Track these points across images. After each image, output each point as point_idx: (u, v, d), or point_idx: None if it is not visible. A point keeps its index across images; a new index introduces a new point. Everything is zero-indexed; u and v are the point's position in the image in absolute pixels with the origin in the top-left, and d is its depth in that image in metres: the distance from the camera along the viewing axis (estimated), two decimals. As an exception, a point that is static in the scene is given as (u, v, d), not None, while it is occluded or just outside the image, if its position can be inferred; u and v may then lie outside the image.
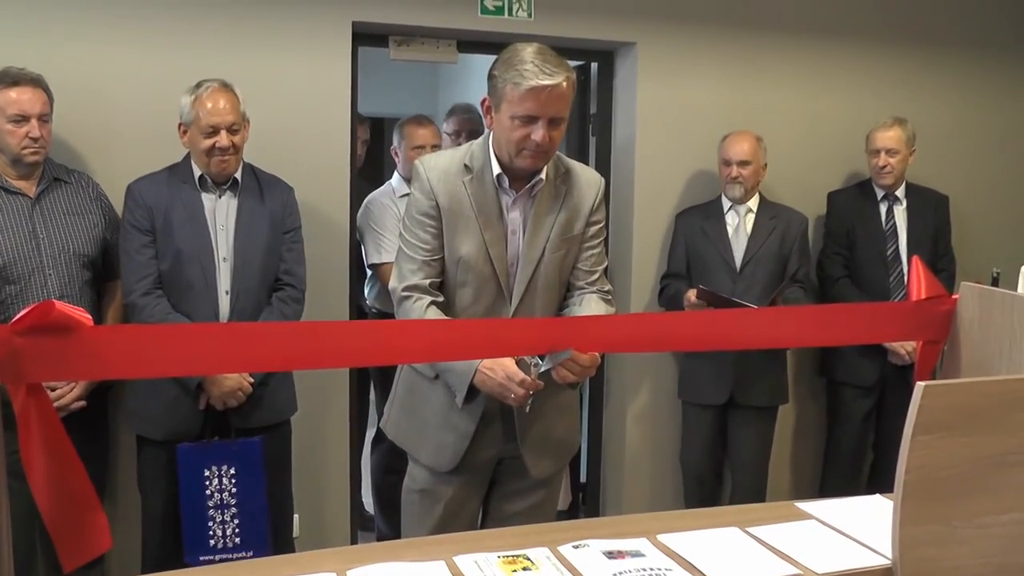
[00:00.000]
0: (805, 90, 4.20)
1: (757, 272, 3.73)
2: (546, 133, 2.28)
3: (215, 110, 2.94)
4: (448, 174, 2.40)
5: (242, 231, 3.02)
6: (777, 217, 3.82)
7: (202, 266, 2.96)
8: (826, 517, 1.93)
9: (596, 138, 4.30)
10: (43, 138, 2.94)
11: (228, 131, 2.95)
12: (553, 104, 2.27)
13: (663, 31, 3.97)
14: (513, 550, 1.76)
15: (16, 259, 2.89)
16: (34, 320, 1.59)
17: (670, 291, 3.87)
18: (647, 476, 4.14)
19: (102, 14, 3.32)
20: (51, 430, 1.64)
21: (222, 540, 2.92)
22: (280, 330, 2.17)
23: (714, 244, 3.79)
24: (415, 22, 3.70)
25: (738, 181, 3.76)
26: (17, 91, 2.89)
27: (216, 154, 2.95)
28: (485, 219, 2.38)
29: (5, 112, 2.88)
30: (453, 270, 2.41)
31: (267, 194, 3.11)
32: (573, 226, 2.48)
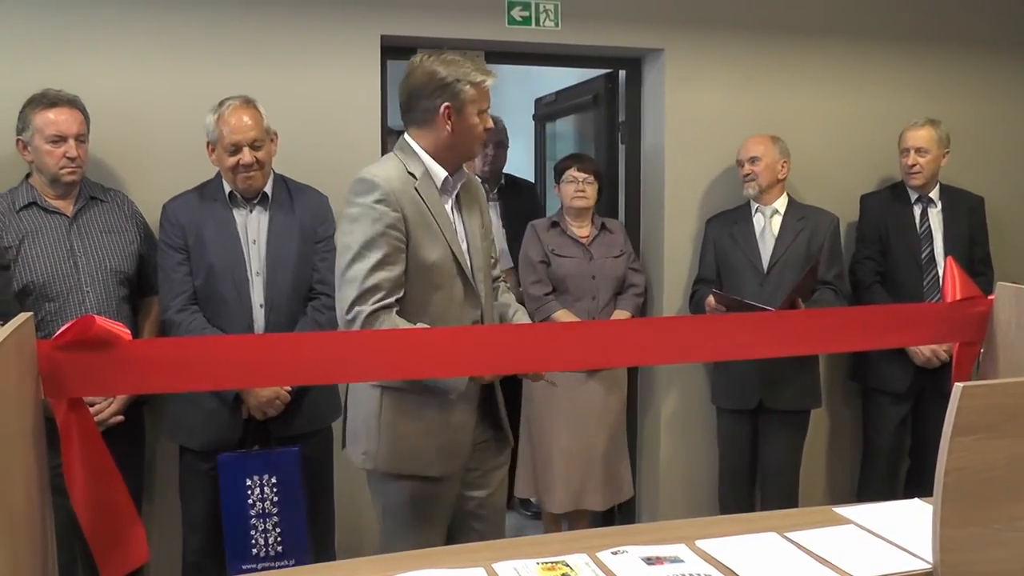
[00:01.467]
0: (836, 93, 4.18)
1: (785, 275, 3.69)
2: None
3: (237, 127, 2.97)
4: (403, 182, 2.43)
5: (273, 244, 3.04)
6: (805, 218, 3.79)
7: (235, 281, 2.99)
8: (865, 521, 1.92)
9: (625, 146, 4.30)
10: (80, 158, 2.99)
11: (251, 147, 2.97)
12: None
13: (690, 37, 3.97)
14: (552, 556, 1.77)
15: (55, 277, 2.93)
16: (75, 335, 1.63)
17: (697, 297, 3.86)
18: (683, 482, 4.12)
19: (135, 35, 3.37)
20: (91, 444, 1.67)
21: (264, 549, 2.93)
22: (314, 341, 2.17)
23: (741, 247, 3.78)
24: (443, 35, 3.71)
25: (750, 178, 3.76)
26: (55, 112, 2.95)
27: (241, 171, 2.98)
28: (443, 222, 2.46)
29: (44, 133, 2.93)
30: (423, 277, 2.43)
31: (298, 205, 3.12)
32: (484, 218, 2.65)
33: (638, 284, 3.91)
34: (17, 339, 1.56)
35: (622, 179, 4.32)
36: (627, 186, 4.29)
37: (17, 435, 1.54)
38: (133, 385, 1.95)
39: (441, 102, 2.41)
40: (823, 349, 3.11)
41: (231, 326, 2.98)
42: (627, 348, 2.26)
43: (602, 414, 3.77)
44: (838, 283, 3.80)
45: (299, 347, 1.94)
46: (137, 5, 3.37)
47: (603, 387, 3.75)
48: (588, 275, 3.78)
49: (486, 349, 2.13)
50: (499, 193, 4.55)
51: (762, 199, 3.80)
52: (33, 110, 2.95)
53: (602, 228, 3.87)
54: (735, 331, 2.32)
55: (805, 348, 2.61)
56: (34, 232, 2.95)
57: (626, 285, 3.88)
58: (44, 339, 1.66)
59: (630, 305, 3.85)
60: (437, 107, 2.41)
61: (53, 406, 1.67)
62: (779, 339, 2.30)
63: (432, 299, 2.45)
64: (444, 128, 2.44)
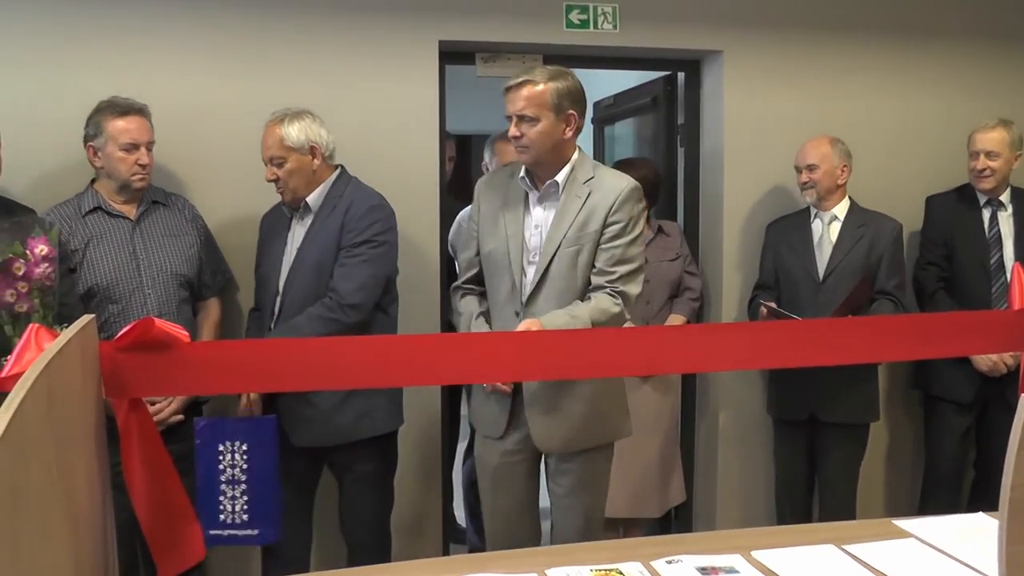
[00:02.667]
0: (900, 93, 4.07)
1: (841, 284, 3.58)
2: (515, 128, 2.70)
3: (263, 145, 3.07)
4: (496, 176, 3.01)
5: (299, 254, 3.07)
6: (866, 225, 3.67)
7: (268, 291, 3.10)
8: (926, 535, 1.87)
9: (684, 148, 4.26)
10: (150, 165, 3.07)
11: (273, 164, 3.03)
12: (516, 102, 2.69)
13: (750, 38, 3.92)
14: (606, 564, 1.76)
15: (118, 280, 2.99)
16: (135, 337, 1.66)
17: (756, 303, 3.78)
18: (739, 490, 4.07)
19: (197, 44, 3.44)
20: (151, 444, 1.71)
21: (231, 516, 2.91)
22: (373, 344, 2.19)
23: (798, 255, 3.69)
24: (501, 39, 3.73)
25: (808, 186, 3.66)
26: (127, 120, 3.01)
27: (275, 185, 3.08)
28: (512, 215, 2.79)
29: (117, 140, 2.99)
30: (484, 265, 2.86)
31: (331, 215, 3.08)
32: (589, 225, 2.72)
33: (694, 288, 3.86)
34: (81, 340, 1.59)
35: (681, 182, 4.28)
36: (686, 189, 4.25)
37: (80, 433, 1.57)
38: (192, 386, 1.99)
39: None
40: (880, 358, 3.03)
41: (260, 336, 3.10)
42: (673, 354, 2.24)
43: (656, 419, 3.73)
44: (898, 294, 3.65)
45: (356, 350, 1.95)
46: (199, 14, 3.44)
47: (657, 392, 3.72)
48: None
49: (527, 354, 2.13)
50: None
51: (822, 205, 3.70)
52: (105, 118, 3.01)
53: (658, 231, 3.83)
54: (788, 338, 2.29)
55: (861, 356, 2.57)
56: (99, 236, 3.02)
57: (681, 289, 3.84)
58: (106, 340, 1.69)
59: (685, 309, 3.80)
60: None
61: (114, 406, 1.70)
62: (834, 347, 2.26)
63: (488, 287, 2.92)
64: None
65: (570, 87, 2.73)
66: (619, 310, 2.68)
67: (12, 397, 1.24)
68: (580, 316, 2.62)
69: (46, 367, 1.35)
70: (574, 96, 2.74)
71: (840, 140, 3.70)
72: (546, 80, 2.71)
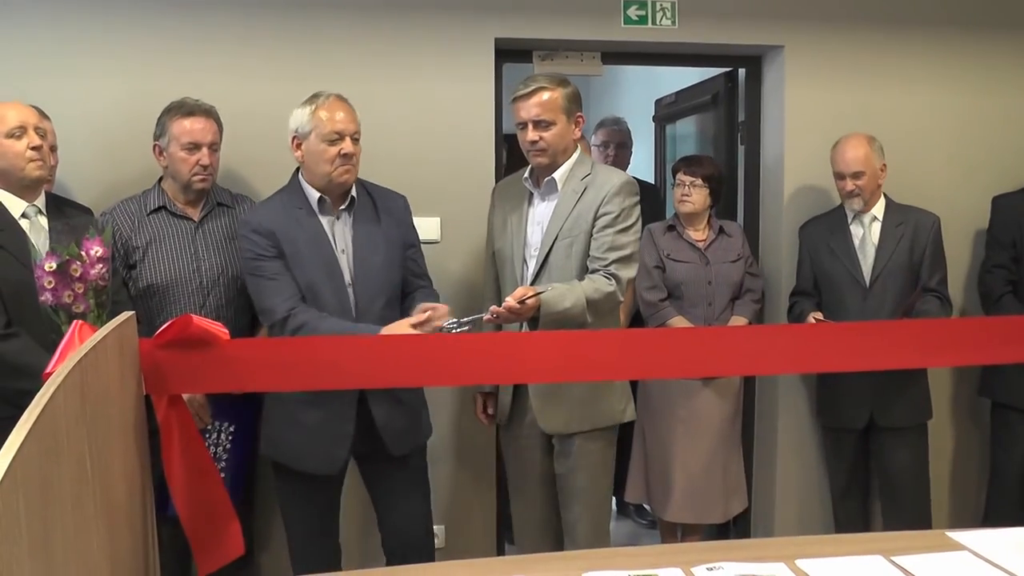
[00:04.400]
0: (965, 89, 3.93)
1: (889, 287, 3.48)
2: (532, 133, 2.92)
3: (339, 117, 2.83)
4: (509, 179, 3.24)
5: (360, 252, 2.88)
6: (905, 223, 3.56)
7: (335, 292, 2.82)
8: (981, 548, 1.78)
9: (744, 146, 4.18)
10: (212, 166, 3.09)
11: (352, 139, 2.83)
12: (531, 109, 2.91)
13: (812, 33, 3.81)
14: (646, 569, 1.72)
15: (177, 280, 3.02)
16: (174, 334, 1.68)
17: (796, 310, 3.68)
18: (798, 497, 3.97)
19: (261, 46, 3.49)
20: (190, 440, 1.72)
21: None
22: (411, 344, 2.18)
23: (840, 260, 3.57)
24: (558, 36, 3.70)
25: (855, 195, 3.54)
26: (191, 121, 3.04)
27: (340, 163, 2.80)
28: (517, 214, 3.05)
29: (179, 140, 3.03)
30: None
31: (382, 210, 2.96)
32: (583, 218, 2.93)
33: (755, 290, 3.78)
34: (119, 336, 1.61)
35: (741, 181, 4.20)
36: (746, 188, 4.17)
37: (118, 429, 1.59)
38: (231, 383, 2.01)
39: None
40: (939, 363, 2.94)
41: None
42: (730, 356, 2.18)
43: (719, 423, 3.67)
44: (942, 289, 3.56)
45: (396, 348, 1.95)
46: (261, 17, 3.49)
47: (718, 396, 3.66)
48: (704, 280, 3.68)
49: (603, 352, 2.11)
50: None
51: (865, 208, 3.59)
52: (171, 118, 3.06)
53: (720, 232, 3.76)
54: (848, 340, 2.22)
55: (920, 361, 2.48)
56: (161, 235, 3.05)
57: (743, 290, 3.76)
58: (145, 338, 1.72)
59: (747, 311, 3.73)
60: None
61: (154, 403, 1.72)
62: (894, 350, 2.18)
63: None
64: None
65: (575, 92, 3.02)
66: (613, 289, 2.86)
67: (44, 391, 1.25)
68: (575, 288, 2.81)
69: (79, 362, 1.37)
70: (578, 100, 3.03)
71: (874, 138, 3.58)
72: (555, 86, 2.97)
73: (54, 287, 2.26)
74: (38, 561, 1.09)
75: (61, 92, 3.30)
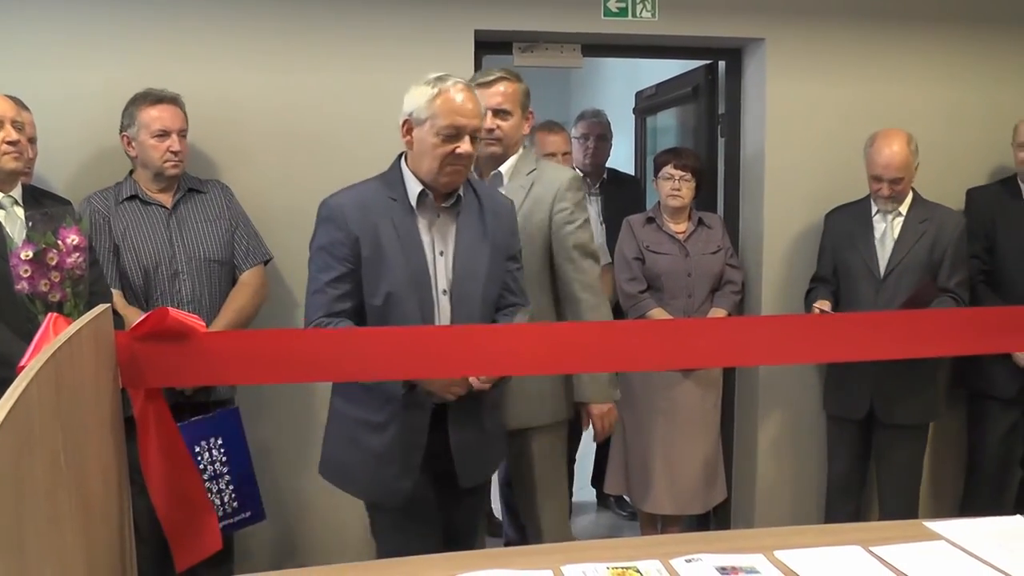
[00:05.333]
0: (945, 82, 3.96)
1: (902, 281, 3.48)
2: (491, 121, 2.88)
3: (466, 110, 2.41)
4: None
5: (462, 258, 2.47)
6: (929, 220, 3.53)
7: (420, 302, 2.41)
8: (957, 538, 1.80)
9: (725, 139, 4.19)
10: (182, 152, 3.12)
11: (472, 137, 2.42)
12: (492, 97, 2.91)
13: (792, 26, 3.82)
14: (624, 561, 1.72)
15: (156, 266, 3.05)
16: (150, 327, 1.67)
17: (812, 296, 3.69)
18: (780, 489, 3.99)
19: (232, 35, 3.47)
20: (167, 434, 1.71)
21: (222, 508, 2.95)
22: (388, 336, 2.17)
23: (859, 250, 3.58)
24: (538, 28, 3.69)
25: (892, 198, 3.52)
26: (159, 108, 3.08)
27: (451, 163, 2.40)
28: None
29: (149, 128, 3.06)
30: None
31: (489, 212, 2.54)
32: (535, 215, 2.92)
33: (736, 281, 3.79)
34: (94, 329, 1.60)
35: (721, 173, 4.21)
36: (727, 180, 4.18)
37: (94, 423, 1.57)
38: (208, 376, 2.00)
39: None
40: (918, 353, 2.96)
41: None
42: (710, 348, 2.18)
43: (699, 414, 3.68)
44: (960, 291, 3.52)
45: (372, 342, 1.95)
46: (241, 9, 3.47)
47: (699, 387, 3.67)
48: (684, 272, 3.69)
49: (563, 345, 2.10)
50: (601, 187, 4.50)
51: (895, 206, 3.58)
52: (139, 107, 3.08)
53: (699, 223, 3.76)
54: (825, 332, 2.23)
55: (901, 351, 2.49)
56: (136, 224, 3.08)
57: (723, 282, 3.77)
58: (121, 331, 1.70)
59: (727, 303, 3.74)
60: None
61: (131, 396, 1.71)
62: (875, 341, 2.19)
63: None
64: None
65: (528, 89, 3.00)
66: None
67: (16, 384, 1.24)
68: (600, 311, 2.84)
69: (53, 355, 1.35)
70: (530, 97, 3.01)
71: (911, 135, 3.54)
72: (514, 79, 2.97)
73: (30, 276, 2.24)
74: (11, 557, 1.07)
75: (40, 83, 3.27)
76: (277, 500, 3.53)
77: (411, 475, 2.41)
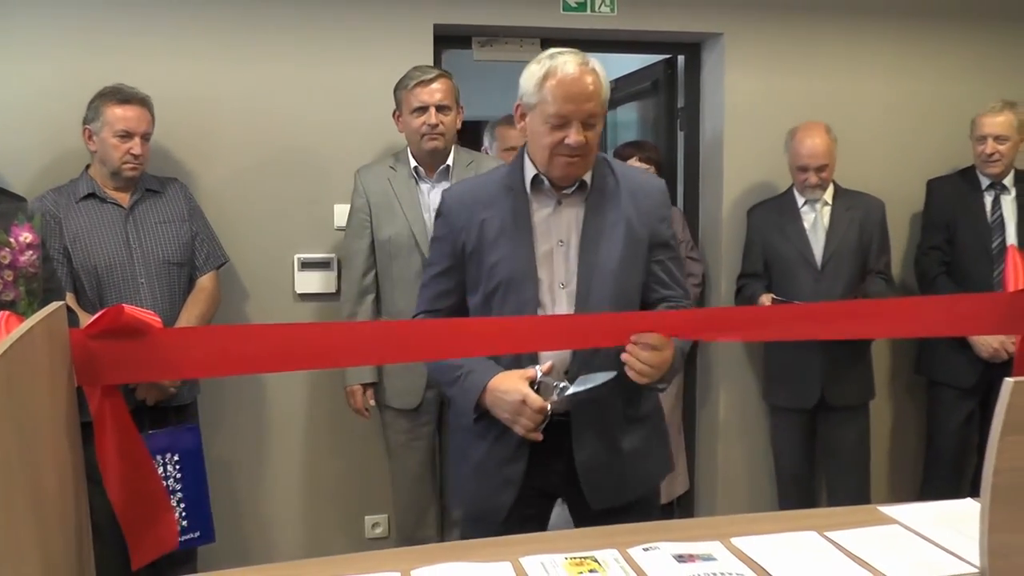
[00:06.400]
0: (904, 75, 4.03)
1: (841, 268, 3.57)
2: (436, 116, 3.16)
3: (575, 95, 2.11)
4: (375, 167, 3.34)
5: (587, 246, 2.19)
6: (854, 207, 3.65)
7: (524, 298, 2.18)
8: (911, 522, 1.83)
9: (684, 132, 4.22)
10: (143, 155, 3.06)
11: (585, 125, 2.13)
12: (434, 93, 3.17)
13: (751, 20, 3.87)
14: (582, 551, 1.73)
15: (112, 267, 3.00)
16: (106, 324, 1.65)
17: (747, 292, 3.74)
18: (742, 479, 4.04)
19: (194, 30, 3.45)
20: (124, 431, 1.69)
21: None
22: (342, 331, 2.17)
23: (792, 242, 3.64)
24: (498, 22, 3.70)
25: (819, 186, 3.61)
26: (125, 108, 3.02)
27: (564, 152, 2.13)
28: (408, 201, 3.26)
29: (113, 127, 3.00)
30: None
31: (628, 197, 2.24)
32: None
33: (695, 273, 3.82)
34: (48, 327, 1.57)
35: (681, 166, 4.24)
36: (686, 173, 4.21)
37: (48, 423, 1.55)
38: (164, 372, 1.99)
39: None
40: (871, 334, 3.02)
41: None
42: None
43: None
44: (888, 272, 3.70)
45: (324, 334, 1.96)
46: (194, 2, 3.44)
47: None
48: None
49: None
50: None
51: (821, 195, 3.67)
52: (105, 103, 3.02)
53: None
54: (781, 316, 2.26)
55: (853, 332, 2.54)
56: (93, 223, 3.03)
57: (684, 274, 3.79)
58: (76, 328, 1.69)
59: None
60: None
61: (87, 394, 1.69)
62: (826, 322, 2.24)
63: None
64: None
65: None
66: None
67: (-34, 385, 1.22)
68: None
69: (5, 354, 1.33)
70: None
71: (828, 125, 3.64)
72: (449, 77, 3.21)
73: (-18, 275, 2.21)
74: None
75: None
76: (234, 513, 3.57)
77: (510, 491, 2.21)
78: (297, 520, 3.68)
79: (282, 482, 3.64)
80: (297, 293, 3.59)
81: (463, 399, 2.19)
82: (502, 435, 2.18)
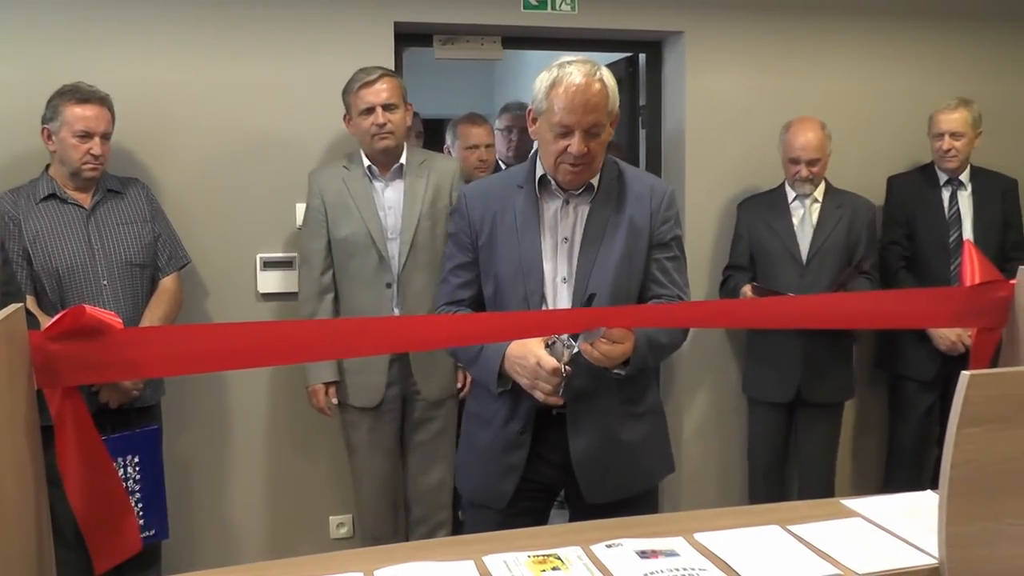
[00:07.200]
0: (863, 73, 4.08)
1: (825, 264, 3.61)
2: (383, 116, 3.18)
3: (575, 105, 2.17)
4: (328, 168, 3.36)
5: (588, 243, 2.29)
6: (843, 206, 3.68)
7: (527, 292, 2.27)
8: (872, 514, 1.85)
9: (646, 130, 4.24)
10: (103, 155, 3.02)
11: (586, 133, 2.19)
12: (380, 93, 3.19)
13: (711, 19, 3.89)
14: (544, 549, 1.73)
15: (74, 268, 2.96)
16: (66, 325, 1.63)
17: (731, 284, 3.78)
18: (708, 474, 4.07)
19: (155, 27, 3.41)
20: (85, 434, 1.67)
21: None
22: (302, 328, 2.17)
23: (779, 237, 3.67)
24: (458, 20, 3.69)
25: (809, 180, 3.64)
26: (84, 108, 2.97)
27: (567, 160, 2.21)
28: (363, 200, 3.28)
29: (72, 127, 2.95)
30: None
31: (633, 197, 2.33)
32: (438, 201, 3.26)
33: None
34: (7, 329, 1.55)
35: (643, 164, 4.26)
36: (648, 170, 4.21)
37: (7, 426, 1.54)
38: (125, 372, 1.97)
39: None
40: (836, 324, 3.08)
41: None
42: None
43: None
44: (873, 273, 3.72)
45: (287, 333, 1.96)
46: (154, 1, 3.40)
47: None
48: None
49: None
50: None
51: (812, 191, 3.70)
52: (64, 102, 2.97)
53: None
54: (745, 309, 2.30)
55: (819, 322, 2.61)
56: (52, 226, 2.98)
57: None
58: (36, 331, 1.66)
59: None
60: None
61: (47, 396, 1.67)
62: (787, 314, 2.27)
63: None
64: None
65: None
66: None
67: (-78, 388, 1.20)
68: None
69: (-39, 357, 1.31)
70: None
71: (824, 123, 3.66)
72: (395, 76, 3.22)
73: (-61, 279, 2.18)
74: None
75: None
76: (198, 514, 3.56)
77: (511, 479, 2.27)
78: (262, 521, 3.65)
79: (246, 483, 3.62)
80: (260, 293, 3.57)
81: (484, 373, 2.27)
82: (506, 423, 2.28)
